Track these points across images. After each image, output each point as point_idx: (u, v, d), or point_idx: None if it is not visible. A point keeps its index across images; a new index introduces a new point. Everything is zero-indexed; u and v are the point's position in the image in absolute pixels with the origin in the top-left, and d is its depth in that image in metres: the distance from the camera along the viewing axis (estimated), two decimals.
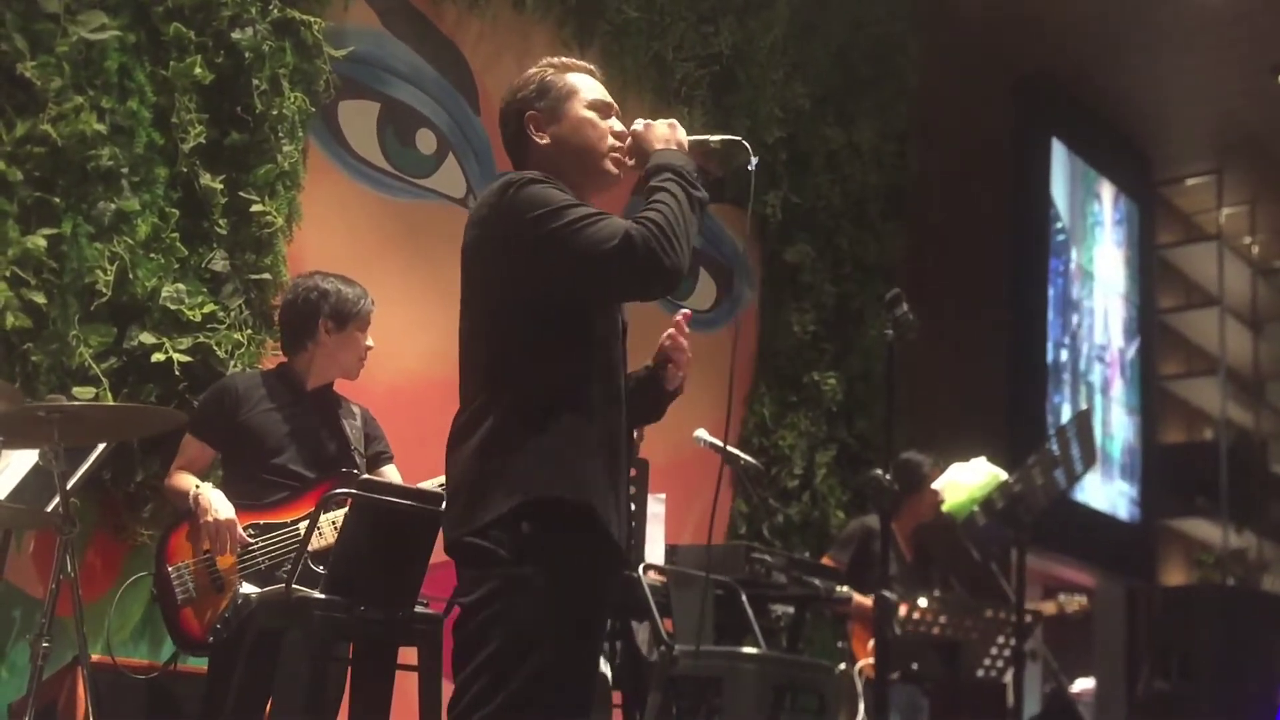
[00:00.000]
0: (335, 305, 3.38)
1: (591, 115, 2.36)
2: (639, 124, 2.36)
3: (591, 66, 2.47)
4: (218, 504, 3.16)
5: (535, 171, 2.26)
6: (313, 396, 3.42)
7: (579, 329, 2.22)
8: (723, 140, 2.41)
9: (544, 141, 2.35)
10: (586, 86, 2.40)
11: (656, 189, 2.22)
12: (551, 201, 2.17)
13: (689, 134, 2.37)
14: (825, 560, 5.04)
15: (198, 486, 3.22)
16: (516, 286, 2.20)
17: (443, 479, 2.29)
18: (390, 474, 3.50)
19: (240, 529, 3.16)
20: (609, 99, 2.41)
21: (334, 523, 3.16)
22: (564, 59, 2.45)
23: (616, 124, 2.39)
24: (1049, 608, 5.80)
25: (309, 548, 3.14)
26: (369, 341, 3.45)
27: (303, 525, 3.20)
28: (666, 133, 2.33)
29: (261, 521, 3.23)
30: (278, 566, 3.19)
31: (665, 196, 2.19)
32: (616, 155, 2.37)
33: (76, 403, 3.23)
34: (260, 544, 3.21)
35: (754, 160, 2.36)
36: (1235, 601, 8.30)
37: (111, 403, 3.64)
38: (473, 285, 2.27)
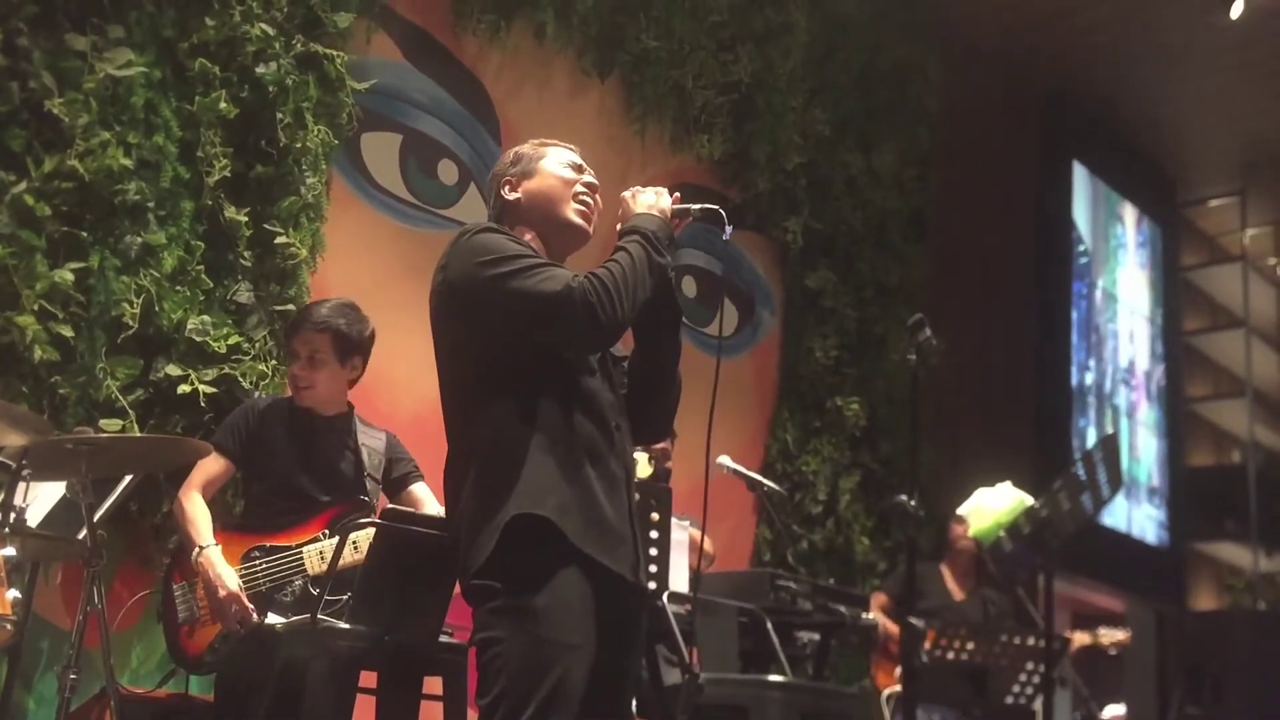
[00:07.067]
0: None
1: (559, 169, 2.46)
2: (628, 192, 2.44)
3: (572, 146, 2.56)
4: (223, 574, 3.15)
5: (492, 223, 2.37)
6: (329, 421, 3.45)
7: (540, 365, 2.27)
8: (703, 209, 2.44)
9: (515, 197, 2.45)
10: (559, 152, 2.51)
11: (620, 248, 2.30)
12: (499, 249, 2.26)
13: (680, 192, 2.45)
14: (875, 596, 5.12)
15: (202, 548, 3.20)
16: (469, 331, 2.28)
17: None
18: (421, 492, 3.52)
19: (245, 599, 3.14)
20: (582, 163, 2.51)
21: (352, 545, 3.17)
22: (544, 139, 2.55)
23: (589, 178, 2.48)
24: (1084, 638, 5.74)
25: (309, 571, 3.18)
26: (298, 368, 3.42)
27: (307, 548, 3.23)
28: (651, 200, 2.41)
29: (268, 544, 3.27)
30: (278, 589, 3.21)
31: (622, 256, 2.28)
32: (583, 206, 2.44)
33: (104, 435, 3.25)
34: (264, 566, 3.23)
35: (729, 229, 2.40)
36: (1267, 625, 8.19)
37: (138, 434, 3.66)
38: (437, 332, 2.35)
